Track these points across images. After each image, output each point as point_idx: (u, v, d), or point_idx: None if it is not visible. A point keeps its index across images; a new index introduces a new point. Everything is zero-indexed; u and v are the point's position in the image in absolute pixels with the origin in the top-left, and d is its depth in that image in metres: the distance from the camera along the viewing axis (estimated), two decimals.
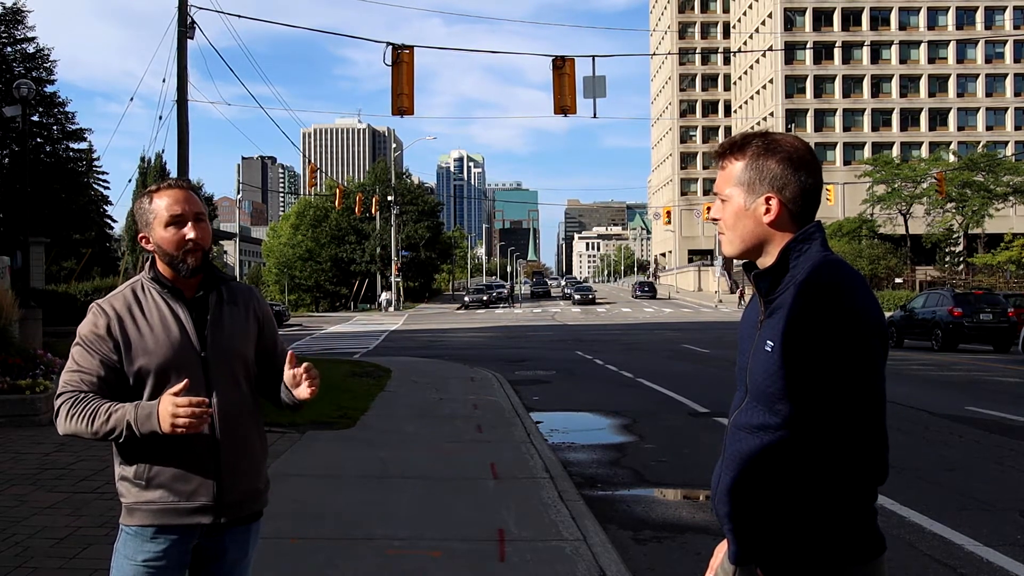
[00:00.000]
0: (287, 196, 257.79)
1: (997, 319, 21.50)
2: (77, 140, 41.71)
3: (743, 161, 1.87)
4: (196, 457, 2.26)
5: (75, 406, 2.18)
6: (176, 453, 2.24)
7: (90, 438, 2.20)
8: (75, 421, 2.18)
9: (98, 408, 2.17)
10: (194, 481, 2.26)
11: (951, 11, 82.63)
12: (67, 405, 2.20)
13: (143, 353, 2.24)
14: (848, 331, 1.68)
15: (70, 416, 2.18)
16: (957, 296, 22.91)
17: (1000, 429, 9.55)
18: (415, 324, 41.51)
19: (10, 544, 4.82)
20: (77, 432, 2.19)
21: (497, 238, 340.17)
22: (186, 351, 2.27)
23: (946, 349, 21.60)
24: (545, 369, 17.26)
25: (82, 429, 2.18)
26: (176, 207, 2.29)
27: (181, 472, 2.25)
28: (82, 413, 2.17)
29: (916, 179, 58.34)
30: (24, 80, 19.55)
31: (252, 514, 2.42)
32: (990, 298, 23.26)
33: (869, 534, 1.75)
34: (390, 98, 16.31)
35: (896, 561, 4.78)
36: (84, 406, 2.18)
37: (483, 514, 5.66)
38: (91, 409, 2.17)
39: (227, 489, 2.30)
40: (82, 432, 2.18)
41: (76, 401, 2.19)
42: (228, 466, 2.30)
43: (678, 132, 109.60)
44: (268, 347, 2.48)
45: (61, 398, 2.22)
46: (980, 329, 21.61)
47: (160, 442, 2.19)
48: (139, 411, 2.14)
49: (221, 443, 2.29)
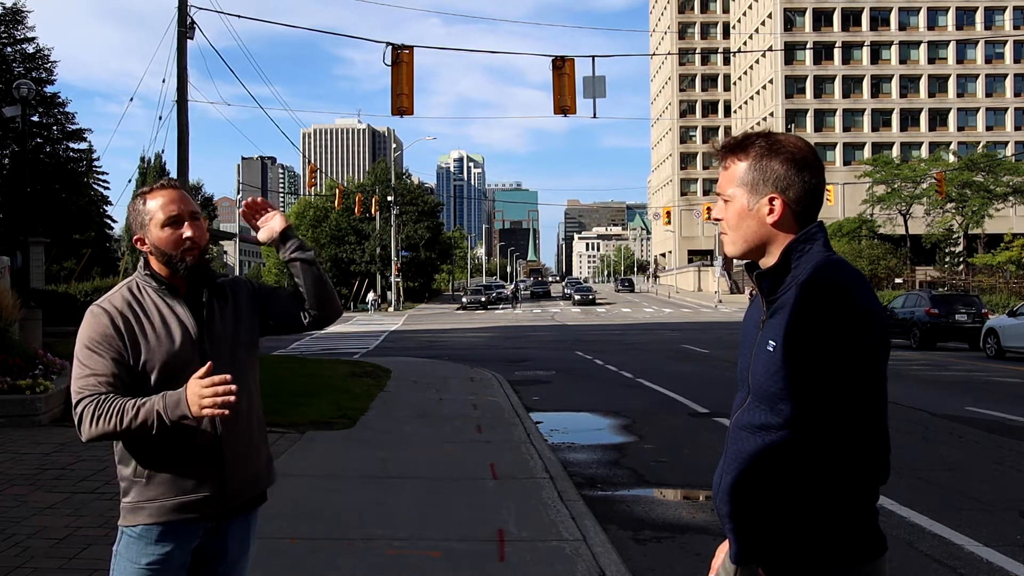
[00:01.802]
0: (287, 196, 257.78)
1: (972, 319, 22.72)
2: (77, 140, 41.79)
3: (746, 161, 1.86)
4: (198, 452, 2.27)
5: (99, 407, 2.15)
6: (178, 449, 2.24)
7: (120, 436, 2.18)
8: (102, 422, 2.14)
9: (124, 405, 2.15)
10: (197, 475, 2.27)
11: (951, 11, 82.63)
12: (90, 409, 2.16)
13: (145, 351, 2.25)
14: (849, 331, 1.68)
15: (95, 419, 2.15)
16: (934, 297, 24.41)
17: (1000, 429, 9.56)
18: (415, 324, 41.51)
19: (10, 544, 4.81)
20: (105, 434, 2.16)
21: (497, 238, 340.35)
22: (187, 347, 2.29)
23: (923, 347, 22.77)
24: (545, 369, 17.25)
25: (110, 429, 2.14)
26: (171, 207, 2.31)
27: (183, 467, 2.26)
28: (108, 413, 2.14)
29: (916, 179, 58.33)
30: (24, 80, 19.56)
31: (255, 498, 2.44)
32: (966, 299, 24.56)
33: (870, 534, 1.75)
34: (390, 98, 16.31)
35: (896, 561, 4.78)
36: (108, 406, 2.15)
37: (483, 514, 5.66)
38: (117, 407, 2.14)
39: (231, 476, 2.32)
40: (111, 432, 2.15)
41: (98, 403, 2.16)
42: (230, 457, 2.32)
43: (678, 132, 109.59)
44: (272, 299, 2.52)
45: (81, 404, 2.18)
46: (955, 328, 22.95)
47: (162, 438, 2.19)
48: (167, 400, 2.13)
49: (222, 435, 2.30)
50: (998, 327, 20.14)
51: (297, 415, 9.39)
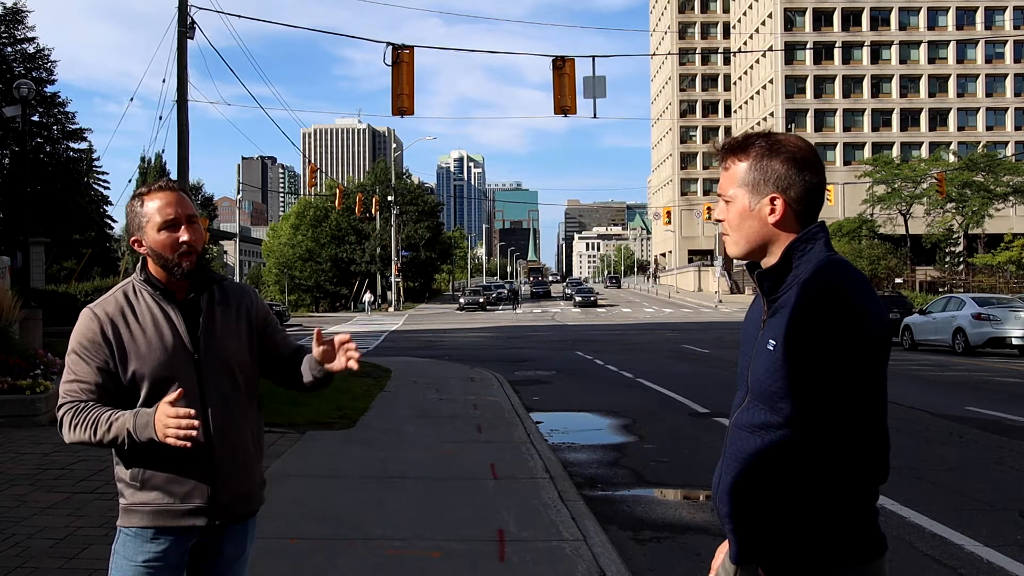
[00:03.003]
0: (287, 196, 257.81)
1: (902, 318, 24.69)
2: (77, 140, 41.77)
3: (747, 162, 1.86)
4: (190, 460, 2.25)
5: (76, 416, 2.20)
6: (170, 456, 2.23)
7: (95, 447, 2.23)
8: (79, 431, 2.20)
9: (99, 417, 2.18)
10: (188, 483, 2.26)
11: (951, 11, 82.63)
12: (69, 415, 2.21)
13: (136, 357, 2.23)
14: (850, 331, 1.68)
15: (73, 426, 2.20)
16: None
17: (1000, 429, 9.55)
18: (415, 324, 41.51)
19: (10, 544, 4.81)
20: (81, 441, 2.21)
21: (497, 238, 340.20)
22: (179, 354, 2.27)
23: None
24: (545, 369, 17.25)
25: (86, 438, 2.20)
26: (168, 210, 2.28)
27: (175, 474, 2.25)
28: (84, 423, 2.18)
29: (916, 179, 58.33)
30: (24, 80, 19.57)
31: (247, 514, 2.42)
32: (897, 299, 29.51)
33: (870, 534, 1.75)
34: (390, 98, 16.31)
35: (896, 561, 4.78)
36: (85, 416, 2.19)
37: (483, 514, 5.65)
38: (92, 418, 2.18)
39: (221, 490, 2.30)
40: (85, 441, 2.21)
41: (77, 411, 2.20)
42: (222, 468, 2.30)
43: (678, 132, 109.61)
44: (269, 341, 2.47)
45: (62, 409, 2.23)
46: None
47: (155, 445, 2.19)
48: (137, 419, 2.15)
49: (215, 446, 2.28)
50: (911, 324, 23.37)
51: (297, 415, 9.38)
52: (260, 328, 2.46)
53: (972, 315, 21.09)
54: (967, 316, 21.18)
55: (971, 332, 20.89)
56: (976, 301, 21.87)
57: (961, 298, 22.60)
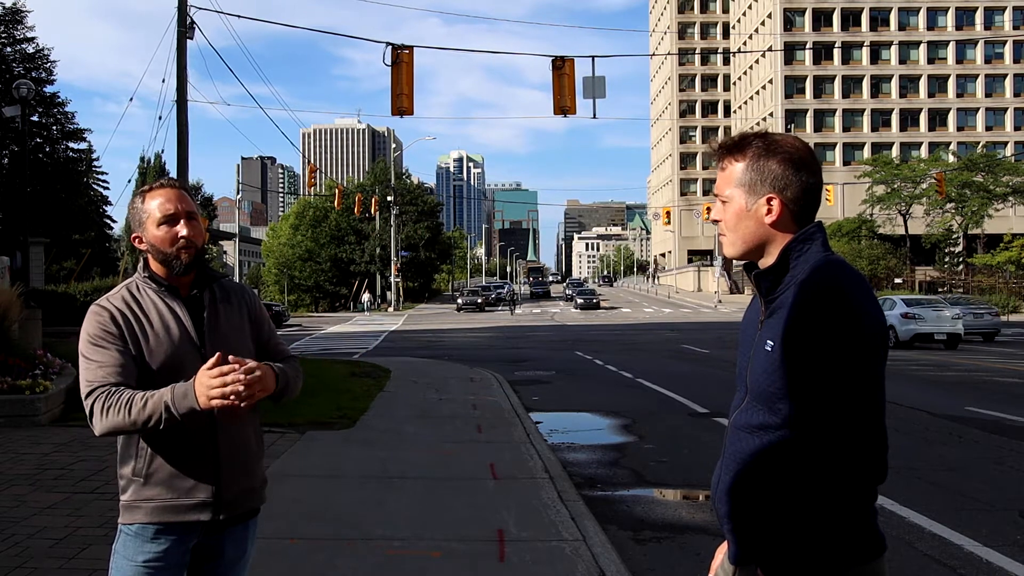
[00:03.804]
0: (287, 196, 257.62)
1: None
2: (77, 140, 41.77)
3: (743, 162, 1.86)
4: (195, 454, 2.26)
5: (108, 399, 2.14)
6: (175, 450, 2.24)
7: (130, 429, 2.16)
8: (111, 414, 2.13)
9: (132, 397, 2.13)
10: (192, 478, 2.26)
11: (951, 11, 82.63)
12: (100, 401, 2.15)
13: (145, 351, 2.24)
14: (848, 331, 1.68)
15: (105, 410, 2.13)
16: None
17: (1000, 429, 9.56)
18: (414, 324, 41.50)
19: (10, 544, 4.82)
20: (115, 426, 2.14)
21: (497, 238, 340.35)
22: (186, 347, 2.28)
23: None
24: (545, 369, 17.26)
25: (119, 421, 2.13)
26: (168, 206, 2.30)
27: (180, 469, 2.25)
28: (117, 405, 2.12)
29: (915, 179, 58.38)
30: (24, 80, 19.56)
31: (249, 511, 2.42)
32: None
33: (869, 534, 1.75)
34: (389, 98, 16.31)
35: (896, 561, 4.78)
36: (117, 398, 2.13)
37: (483, 514, 5.66)
38: (126, 399, 2.13)
39: (225, 485, 2.30)
40: (120, 425, 2.13)
41: (108, 395, 2.14)
42: (226, 463, 2.30)
43: (678, 132, 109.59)
44: (264, 343, 2.49)
45: (91, 397, 2.16)
46: None
47: (159, 438, 2.19)
48: (175, 391, 2.11)
49: (219, 440, 2.29)
50: None
51: (297, 415, 9.38)
52: (257, 325, 2.49)
53: (901, 314, 23.60)
54: (896, 315, 23.60)
55: (900, 329, 23.55)
56: (904, 301, 24.55)
57: (893, 299, 25.13)
